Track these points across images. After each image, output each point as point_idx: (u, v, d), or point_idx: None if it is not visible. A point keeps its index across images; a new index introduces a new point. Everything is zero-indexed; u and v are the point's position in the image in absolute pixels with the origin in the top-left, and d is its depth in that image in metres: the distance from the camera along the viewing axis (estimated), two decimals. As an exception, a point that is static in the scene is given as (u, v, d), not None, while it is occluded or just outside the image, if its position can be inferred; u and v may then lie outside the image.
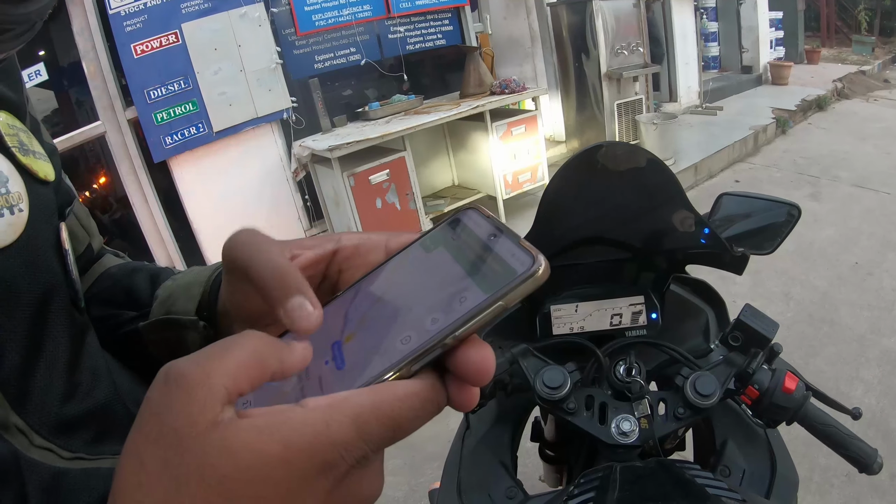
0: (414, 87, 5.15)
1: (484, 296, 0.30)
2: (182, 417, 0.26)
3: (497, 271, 0.31)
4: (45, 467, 0.39)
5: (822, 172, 5.52)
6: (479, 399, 0.89)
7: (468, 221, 0.35)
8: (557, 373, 0.90)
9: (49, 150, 0.50)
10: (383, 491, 0.83)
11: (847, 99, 8.34)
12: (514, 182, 4.80)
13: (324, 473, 0.28)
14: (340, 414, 0.28)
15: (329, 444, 0.28)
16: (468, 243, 0.34)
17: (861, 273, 3.73)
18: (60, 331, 0.44)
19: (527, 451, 1.51)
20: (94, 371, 0.47)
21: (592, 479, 0.82)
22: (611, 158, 0.93)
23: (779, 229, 1.07)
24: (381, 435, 0.29)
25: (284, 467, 0.27)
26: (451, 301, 0.31)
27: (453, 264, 0.33)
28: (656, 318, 1.06)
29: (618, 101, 5.71)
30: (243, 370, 0.28)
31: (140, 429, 0.27)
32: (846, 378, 2.80)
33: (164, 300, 0.52)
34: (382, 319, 0.33)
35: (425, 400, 0.31)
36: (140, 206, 4.17)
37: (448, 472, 1.04)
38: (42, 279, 0.43)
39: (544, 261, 0.30)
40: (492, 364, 0.31)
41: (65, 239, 0.48)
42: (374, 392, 0.29)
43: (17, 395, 0.39)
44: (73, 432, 0.43)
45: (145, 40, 3.76)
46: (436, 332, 0.30)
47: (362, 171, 3.98)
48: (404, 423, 0.30)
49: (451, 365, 0.31)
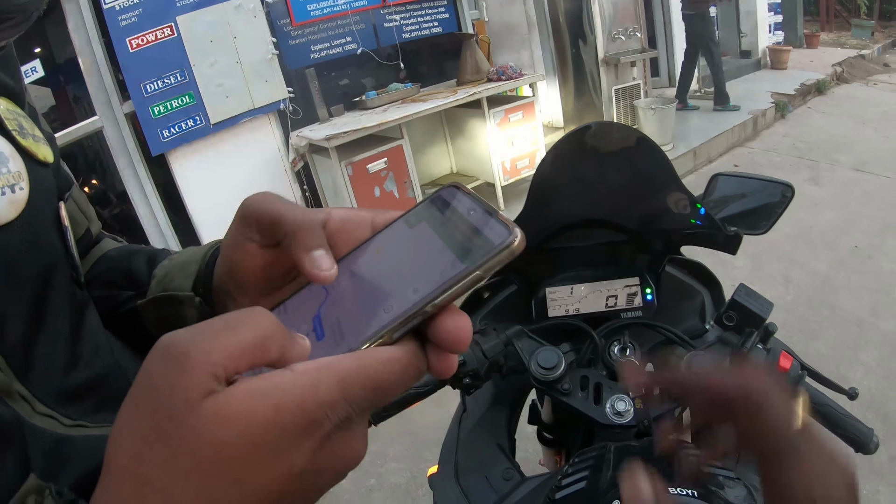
0: (411, 75, 5.13)
1: (462, 266, 0.32)
2: (178, 393, 0.27)
3: (475, 243, 0.32)
4: (47, 433, 0.40)
5: (821, 156, 5.51)
6: (475, 381, 0.90)
7: (449, 198, 0.37)
8: (552, 353, 0.90)
9: (48, 137, 0.51)
10: (385, 477, 0.84)
11: (846, 83, 8.30)
12: (512, 169, 4.78)
13: (309, 433, 0.29)
14: (327, 376, 0.29)
15: (316, 404, 0.28)
16: (449, 218, 0.35)
17: (861, 256, 3.73)
18: (62, 305, 0.46)
19: (527, 436, 1.52)
20: (94, 344, 0.49)
21: (587, 458, 0.82)
22: (600, 139, 0.93)
23: (773, 209, 1.07)
24: (364, 397, 0.30)
25: (276, 429, 0.28)
26: (431, 272, 0.32)
27: (434, 238, 0.35)
28: (652, 300, 1.06)
29: (615, 87, 5.69)
30: (246, 353, 0.29)
31: (136, 400, 0.28)
32: (846, 361, 2.80)
33: (162, 279, 0.53)
34: (367, 290, 0.35)
35: (406, 365, 0.32)
36: (139, 200, 4.17)
37: (445, 455, 1.04)
38: (43, 255, 0.45)
39: (520, 233, 0.31)
40: (468, 331, 0.33)
41: (64, 217, 0.49)
42: (359, 357, 0.31)
43: (21, 364, 0.41)
44: (74, 401, 0.44)
45: (140, 34, 3.74)
46: (416, 300, 0.32)
47: (360, 159, 3.97)
48: (386, 386, 0.31)
49: (430, 333, 0.33)
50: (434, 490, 1.02)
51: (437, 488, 1.01)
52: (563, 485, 0.78)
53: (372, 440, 2.00)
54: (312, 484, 0.31)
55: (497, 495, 0.97)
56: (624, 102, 5.72)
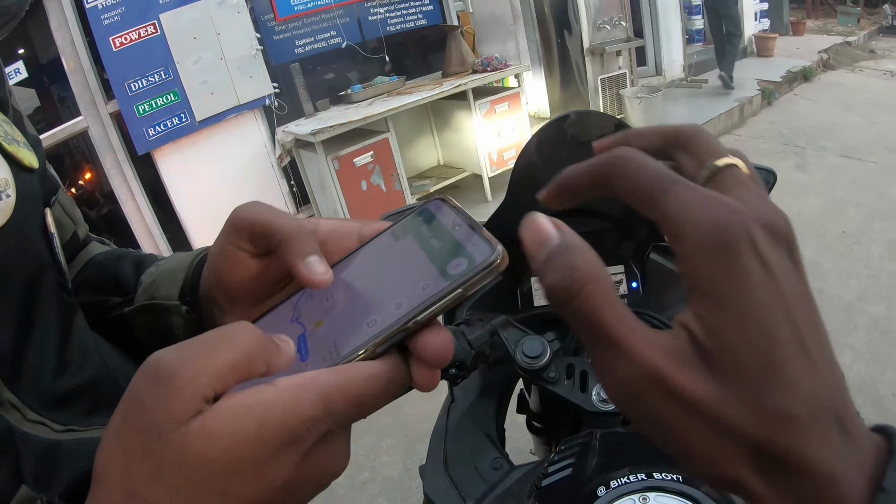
0: (396, 68, 5.12)
1: (444, 283, 0.32)
2: (166, 415, 0.28)
3: (458, 260, 0.33)
4: (38, 440, 0.41)
5: (808, 143, 5.53)
6: (461, 371, 0.90)
7: (436, 211, 0.37)
8: (537, 342, 0.90)
9: (33, 142, 0.51)
10: (378, 471, 0.84)
11: (833, 70, 8.33)
12: (499, 160, 4.78)
13: (291, 447, 0.30)
14: (310, 392, 0.30)
15: (298, 420, 0.29)
16: (434, 232, 0.36)
17: (848, 242, 3.75)
18: (50, 310, 0.46)
19: (518, 427, 1.52)
20: (83, 349, 0.49)
21: (573, 445, 0.83)
22: (580, 127, 0.93)
23: (756, 195, 1.07)
24: (346, 412, 0.31)
25: (259, 444, 0.29)
26: (415, 287, 0.33)
27: (419, 252, 0.35)
28: (637, 287, 1.07)
29: (601, 76, 5.69)
30: (232, 371, 0.30)
31: (125, 417, 0.29)
32: (835, 346, 2.69)
33: (149, 286, 0.53)
34: (351, 303, 0.36)
35: (388, 381, 0.33)
36: (126, 199, 4.15)
37: (434, 446, 1.04)
38: (31, 261, 0.45)
39: (502, 251, 0.32)
40: (449, 348, 0.33)
41: (50, 223, 0.49)
42: (341, 372, 0.32)
43: (11, 372, 0.41)
44: (65, 406, 0.44)
45: (124, 32, 3.71)
46: (399, 316, 0.33)
47: (346, 153, 3.97)
48: (369, 401, 0.32)
49: (413, 348, 0.33)
50: (424, 481, 1.02)
51: (427, 479, 1.01)
52: (550, 472, 0.78)
53: (365, 434, 2.03)
54: (295, 495, 0.31)
55: (486, 485, 0.98)
56: (610, 92, 5.72)
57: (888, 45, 9.78)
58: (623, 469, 0.71)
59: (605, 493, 0.67)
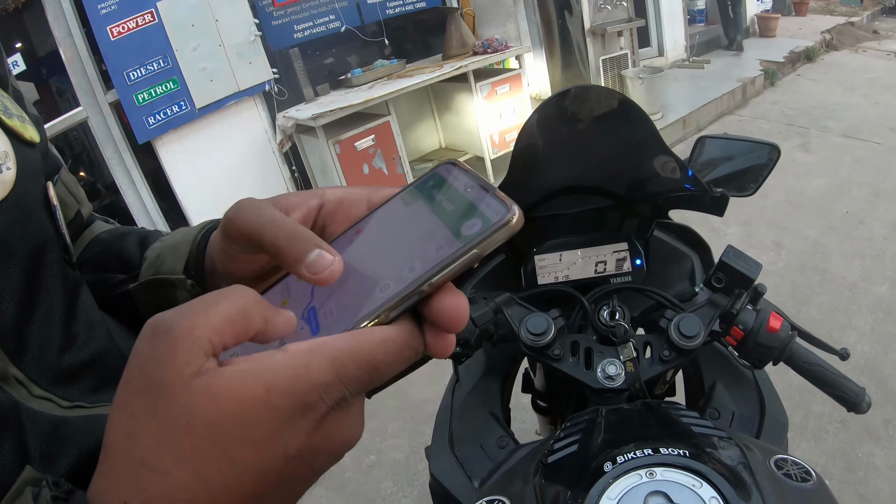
0: (396, 51, 5.08)
1: (459, 244, 0.31)
2: (167, 369, 0.27)
3: (472, 221, 0.32)
4: (44, 416, 0.40)
5: (811, 123, 5.49)
6: (466, 350, 0.90)
7: (447, 175, 0.36)
8: (541, 319, 0.90)
9: (34, 120, 0.51)
10: (384, 453, 0.83)
11: (836, 50, 8.26)
12: (500, 141, 4.76)
13: (304, 414, 0.29)
14: (320, 357, 0.29)
15: (309, 385, 0.29)
16: (446, 195, 0.35)
17: (852, 222, 3.74)
18: (54, 284, 0.45)
19: (524, 407, 1.52)
20: (89, 323, 0.48)
21: (578, 422, 0.83)
22: (581, 103, 0.92)
23: (759, 171, 1.06)
24: (358, 378, 0.30)
25: (268, 409, 0.28)
26: (428, 250, 0.32)
27: (431, 216, 0.34)
28: (641, 265, 1.06)
29: (603, 57, 5.64)
30: (228, 324, 0.29)
31: (128, 382, 0.29)
32: (839, 326, 2.82)
33: (153, 261, 0.53)
34: (363, 270, 0.35)
35: (402, 345, 0.32)
36: (128, 189, 4.14)
37: (439, 426, 1.05)
38: (33, 235, 0.44)
39: (518, 210, 0.31)
40: (465, 311, 0.32)
41: (52, 196, 0.48)
42: (353, 337, 0.31)
43: (15, 347, 0.40)
44: (71, 382, 0.44)
45: (121, 21, 3.68)
46: (412, 279, 0.32)
47: (347, 137, 3.95)
48: (381, 366, 0.31)
49: (427, 312, 0.33)
50: (430, 461, 1.02)
51: (433, 458, 1.01)
52: (556, 449, 0.78)
53: (370, 417, 2.03)
54: (308, 465, 0.31)
55: (492, 463, 0.98)
56: (612, 73, 5.68)
57: (891, 25, 9.69)
58: (629, 445, 0.71)
59: (611, 469, 0.67)
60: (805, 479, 0.70)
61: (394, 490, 2.34)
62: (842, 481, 2.10)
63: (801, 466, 0.72)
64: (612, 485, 0.65)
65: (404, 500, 2.30)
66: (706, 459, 0.67)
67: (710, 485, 0.63)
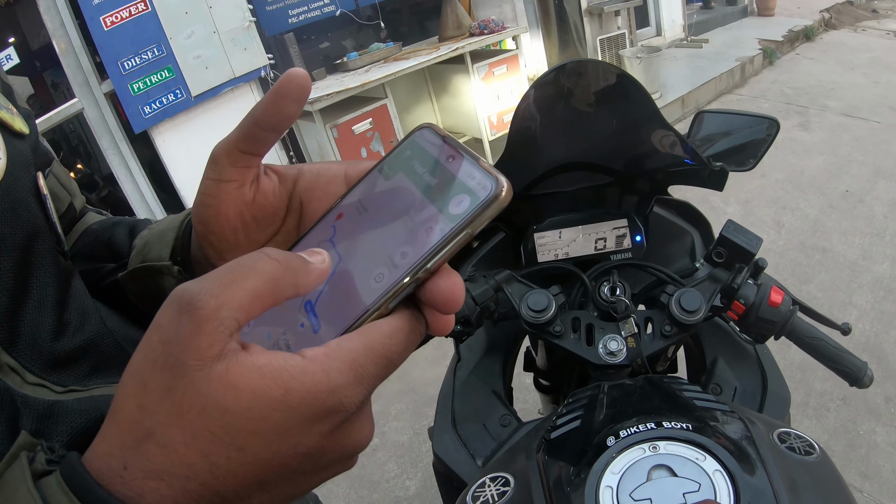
0: (392, 34, 5.05)
1: (450, 225, 0.30)
2: (190, 350, 0.27)
3: (460, 197, 0.31)
4: (38, 401, 0.40)
5: (810, 102, 5.47)
6: (467, 328, 0.90)
7: (424, 143, 0.35)
8: (542, 296, 0.89)
9: (24, 114, 0.50)
10: (388, 436, 0.83)
11: (835, 29, 8.20)
12: (499, 123, 4.73)
13: (323, 419, 0.29)
14: (338, 361, 0.29)
15: (328, 390, 0.29)
16: (427, 167, 0.33)
17: (852, 200, 3.73)
18: (46, 273, 0.45)
19: (525, 387, 1.53)
20: (82, 311, 0.48)
21: (581, 398, 0.83)
22: (578, 78, 0.91)
23: (759, 145, 1.06)
24: (376, 374, 0.31)
25: (284, 410, 0.28)
26: (418, 233, 0.31)
27: (414, 191, 0.33)
28: (641, 241, 1.06)
29: (600, 37, 5.61)
30: (257, 301, 0.29)
31: (147, 354, 0.29)
32: (839, 304, 2.83)
33: (141, 249, 0.53)
34: (354, 259, 0.33)
35: (409, 332, 0.32)
36: (125, 179, 4.12)
37: (442, 406, 1.05)
38: (24, 224, 0.44)
39: (506, 182, 0.30)
40: (461, 292, 0.32)
41: (42, 185, 0.48)
42: (364, 334, 0.31)
43: (8, 336, 0.40)
44: (64, 368, 0.44)
45: (114, 11, 3.63)
46: (407, 267, 0.31)
47: (345, 121, 3.93)
48: (395, 357, 0.31)
49: (424, 295, 0.32)
50: (433, 441, 1.03)
51: (436, 438, 1.02)
52: (558, 425, 0.78)
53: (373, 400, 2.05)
54: (316, 462, 0.31)
55: (495, 441, 0.98)
56: (610, 52, 5.65)
57: (890, 4, 9.60)
58: (632, 419, 0.71)
59: (614, 443, 0.67)
60: (808, 452, 0.70)
61: (398, 472, 2.35)
62: (843, 459, 2.11)
63: (804, 440, 0.72)
64: (615, 459, 0.65)
65: (408, 481, 2.31)
66: (709, 433, 0.67)
67: (714, 458, 0.63)
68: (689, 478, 0.61)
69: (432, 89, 5.23)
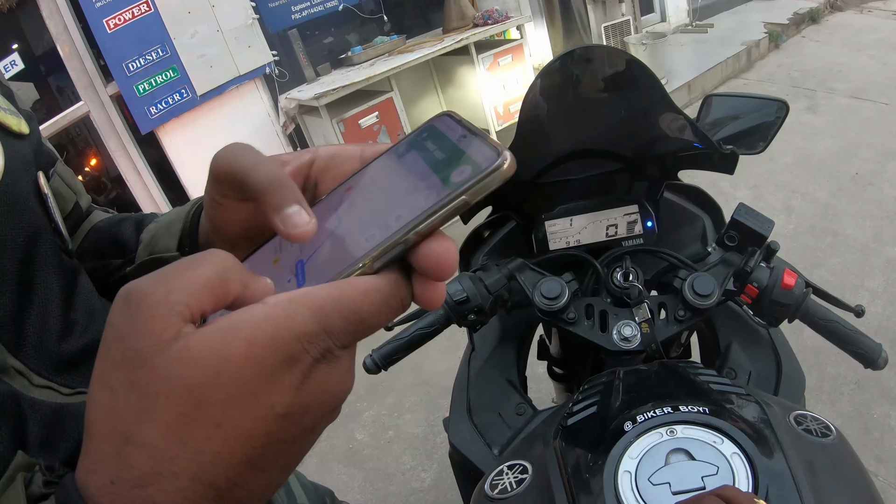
0: (395, 27, 5.03)
1: (447, 191, 0.30)
2: (144, 337, 0.26)
3: (462, 168, 0.31)
4: (45, 404, 0.40)
5: (818, 85, 5.42)
6: (480, 317, 0.90)
7: (440, 126, 0.35)
8: (555, 283, 0.89)
9: (26, 116, 0.50)
10: (402, 429, 0.82)
11: (841, 11, 8.10)
12: (505, 113, 4.71)
13: (289, 367, 0.28)
14: (301, 307, 0.28)
15: (291, 336, 0.28)
16: (439, 145, 0.34)
17: (862, 183, 3.70)
18: (50, 273, 0.45)
19: (538, 378, 1.53)
20: (89, 310, 0.48)
21: (596, 384, 0.83)
22: (586, 64, 0.90)
23: (768, 128, 1.05)
24: (343, 328, 0.29)
25: (251, 364, 0.27)
26: (415, 199, 0.31)
27: (423, 167, 0.33)
28: (652, 227, 1.06)
29: (605, 24, 5.58)
30: (207, 288, 0.28)
31: (104, 355, 0.28)
32: (851, 287, 2.81)
33: (148, 242, 0.53)
34: (350, 224, 0.34)
35: (387, 295, 0.31)
36: (134, 180, 4.14)
37: (457, 396, 1.05)
38: (25, 224, 0.44)
39: (509, 155, 0.30)
40: (453, 257, 0.31)
41: (43, 185, 0.48)
42: (336, 287, 0.30)
43: (13, 338, 0.40)
44: (72, 369, 0.44)
45: (117, 13, 3.65)
46: (397, 228, 0.31)
47: (351, 115, 3.92)
48: (367, 317, 0.30)
49: (413, 260, 0.31)
50: (448, 431, 1.03)
51: (452, 428, 1.02)
52: (575, 411, 0.79)
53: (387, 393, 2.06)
54: (298, 424, 0.30)
55: (511, 430, 0.98)
56: (614, 40, 5.62)
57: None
58: (648, 404, 0.71)
59: (632, 428, 0.67)
60: (825, 435, 0.70)
61: (413, 464, 2.37)
62: (858, 442, 2.10)
63: (820, 422, 0.72)
64: (633, 444, 0.65)
65: (423, 473, 2.32)
66: (726, 416, 0.67)
67: (732, 441, 0.63)
68: (707, 461, 0.61)
69: (438, 81, 5.20)
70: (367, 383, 2.78)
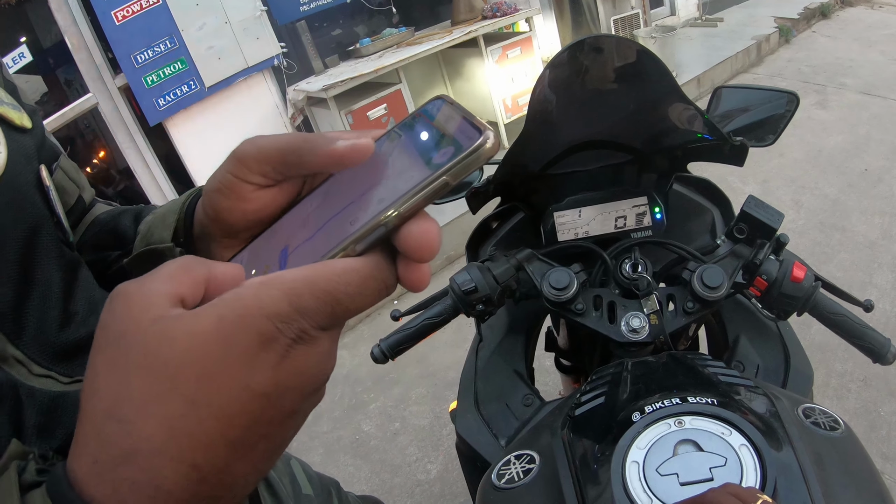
0: (404, 19, 5.01)
1: (429, 172, 0.31)
2: (125, 321, 0.28)
3: (445, 150, 0.31)
4: (44, 393, 0.41)
5: (828, 80, 5.37)
6: (488, 307, 0.90)
7: (431, 109, 0.35)
8: (563, 274, 0.89)
9: (29, 110, 0.51)
10: (408, 420, 0.82)
11: (851, 6, 8.03)
12: (513, 105, 4.68)
13: (263, 347, 0.28)
14: (272, 288, 0.29)
15: (261, 314, 0.28)
16: (426, 129, 0.34)
17: (871, 179, 3.67)
18: (51, 264, 0.46)
19: (545, 371, 1.53)
20: (89, 301, 0.49)
21: (604, 375, 0.83)
22: (596, 54, 0.89)
23: (778, 120, 1.04)
24: (317, 309, 0.29)
25: (220, 341, 0.27)
26: (398, 182, 0.32)
27: (410, 149, 0.34)
28: (661, 218, 1.05)
29: (614, 17, 5.54)
30: (175, 274, 0.30)
31: (94, 347, 0.29)
32: (859, 283, 2.79)
33: (145, 234, 0.53)
34: (335, 209, 0.34)
35: (366, 276, 0.31)
36: (142, 172, 4.15)
37: (464, 386, 1.05)
38: (26, 216, 0.45)
39: (492, 134, 0.31)
40: (434, 238, 0.31)
41: (45, 177, 0.49)
42: (310, 268, 0.30)
43: (13, 328, 0.41)
44: (71, 358, 0.45)
45: (125, 5, 3.65)
46: (378, 210, 0.31)
47: (359, 107, 3.91)
48: (343, 298, 0.30)
49: (396, 242, 0.32)
50: (456, 422, 1.03)
51: (459, 419, 1.02)
52: (583, 402, 0.79)
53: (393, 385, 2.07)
54: (278, 405, 0.30)
55: (518, 421, 0.99)
56: (624, 33, 5.57)
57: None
58: (656, 395, 0.71)
59: (640, 419, 0.67)
60: (833, 428, 0.70)
61: (419, 456, 2.38)
62: (864, 439, 2.05)
63: (828, 415, 0.72)
64: (641, 434, 0.65)
65: (430, 465, 2.33)
66: (735, 407, 0.67)
67: (740, 433, 0.63)
68: (715, 452, 0.61)
69: (446, 73, 5.18)
70: (374, 375, 2.80)
